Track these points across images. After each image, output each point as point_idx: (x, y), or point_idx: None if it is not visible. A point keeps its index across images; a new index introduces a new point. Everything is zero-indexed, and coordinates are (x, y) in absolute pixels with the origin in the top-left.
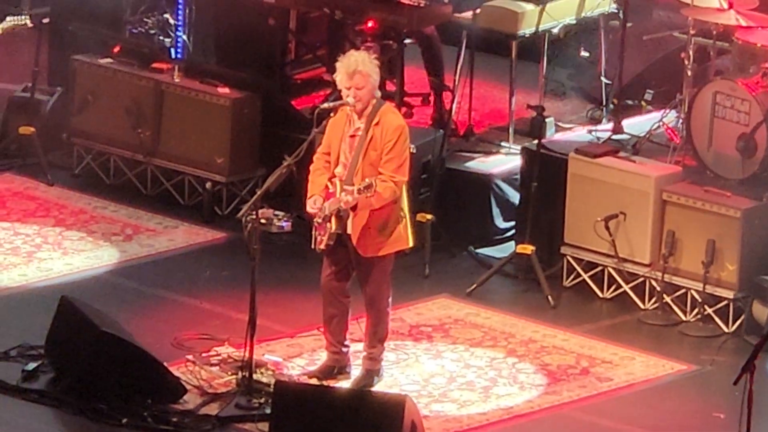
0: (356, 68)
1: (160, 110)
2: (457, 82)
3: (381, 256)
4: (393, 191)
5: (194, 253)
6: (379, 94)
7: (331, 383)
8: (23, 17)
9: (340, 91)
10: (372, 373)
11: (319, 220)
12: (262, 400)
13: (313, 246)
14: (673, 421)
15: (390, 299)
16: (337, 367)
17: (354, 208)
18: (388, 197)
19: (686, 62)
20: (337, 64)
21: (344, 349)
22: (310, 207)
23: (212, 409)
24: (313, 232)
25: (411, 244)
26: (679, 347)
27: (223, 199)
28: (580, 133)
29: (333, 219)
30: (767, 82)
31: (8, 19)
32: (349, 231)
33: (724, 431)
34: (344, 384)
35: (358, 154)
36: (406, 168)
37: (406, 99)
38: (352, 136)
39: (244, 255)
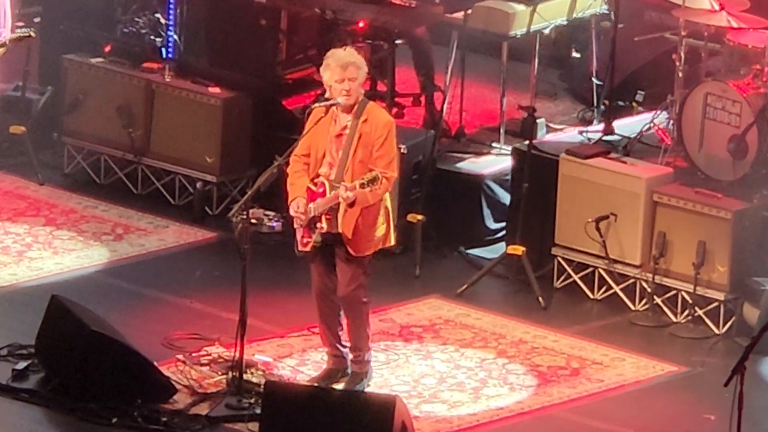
0: (348, 59)
1: (151, 110)
2: (448, 83)
3: (364, 255)
4: (386, 187)
5: (185, 253)
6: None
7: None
8: (28, 29)
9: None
10: (360, 375)
11: (303, 223)
12: (252, 400)
13: (296, 249)
14: (664, 423)
15: (367, 299)
16: (340, 370)
17: (350, 204)
18: (381, 193)
19: (677, 63)
20: (326, 61)
21: (344, 350)
22: (294, 210)
23: (202, 409)
24: (297, 236)
25: (393, 243)
26: (669, 349)
27: (214, 198)
28: (571, 134)
29: (323, 219)
30: (758, 84)
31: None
32: (340, 230)
33: None
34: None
35: (347, 153)
36: (396, 164)
37: (397, 99)
38: (339, 135)
39: (235, 255)
